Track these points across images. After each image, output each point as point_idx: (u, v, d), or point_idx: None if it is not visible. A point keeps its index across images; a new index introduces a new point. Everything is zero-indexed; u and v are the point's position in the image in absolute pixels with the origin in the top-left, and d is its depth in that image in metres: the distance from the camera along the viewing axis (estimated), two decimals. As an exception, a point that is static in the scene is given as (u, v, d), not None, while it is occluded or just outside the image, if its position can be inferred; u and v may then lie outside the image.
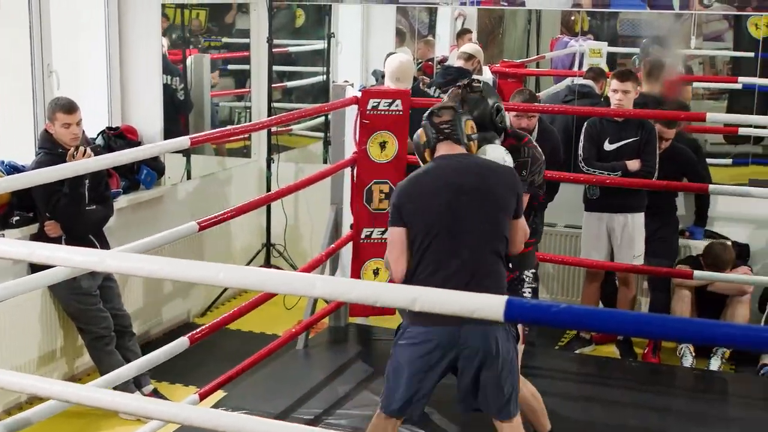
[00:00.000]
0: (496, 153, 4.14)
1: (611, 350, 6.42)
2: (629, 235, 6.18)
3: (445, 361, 3.92)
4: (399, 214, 3.94)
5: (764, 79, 8.14)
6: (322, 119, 8.22)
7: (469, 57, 7.23)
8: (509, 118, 5.91)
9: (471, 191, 3.93)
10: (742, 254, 6.57)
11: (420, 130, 4.11)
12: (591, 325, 2.42)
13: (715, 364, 6.14)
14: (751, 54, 8.16)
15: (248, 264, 7.40)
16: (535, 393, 4.52)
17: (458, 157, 4.03)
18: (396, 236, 3.94)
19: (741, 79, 7.91)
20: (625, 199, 6.15)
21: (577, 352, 6.40)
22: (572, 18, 9.04)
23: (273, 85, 7.67)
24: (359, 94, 5.88)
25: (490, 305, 2.32)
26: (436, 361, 3.91)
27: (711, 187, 6.00)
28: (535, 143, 4.59)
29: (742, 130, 7.41)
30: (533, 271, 4.68)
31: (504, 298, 2.30)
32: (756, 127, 7.68)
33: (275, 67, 7.80)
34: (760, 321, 6.21)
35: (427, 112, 4.13)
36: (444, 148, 4.04)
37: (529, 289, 4.65)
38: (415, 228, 3.91)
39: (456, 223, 3.89)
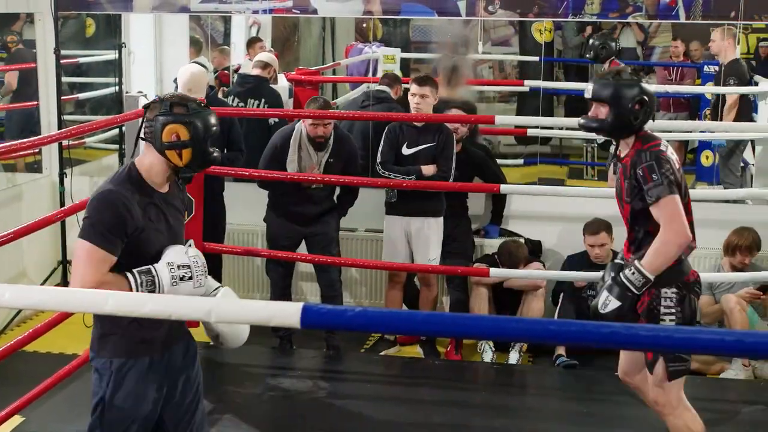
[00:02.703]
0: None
1: (415, 350, 6.54)
2: (425, 239, 6.24)
3: None
4: None
5: (548, 82, 8.52)
6: (116, 131, 8.03)
7: (266, 65, 7.23)
8: (306, 127, 5.98)
9: None
10: (534, 251, 6.81)
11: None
12: (386, 327, 2.47)
13: (513, 357, 6.34)
14: (536, 58, 8.52)
15: (44, 283, 7.12)
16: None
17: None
18: None
19: (527, 82, 8.24)
20: (422, 204, 6.24)
21: (382, 353, 6.48)
22: (365, 25, 9.19)
23: (63, 97, 7.41)
24: (153, 105, 5.76)
25: (286, 312, 2.32)
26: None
27: (502, 186, 6.18)
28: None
29: (530, 131, 7.73)
30: (675, 291, 4.04)
31: (300, 304, 2.31)
32: (542, 128, 8.04)
33: (65, 79, 7.55)
34: (554, 314, 6.47)
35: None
36: (145, 156, 3.39)
37: (671, 315, 3.98)
38: None
39: None
